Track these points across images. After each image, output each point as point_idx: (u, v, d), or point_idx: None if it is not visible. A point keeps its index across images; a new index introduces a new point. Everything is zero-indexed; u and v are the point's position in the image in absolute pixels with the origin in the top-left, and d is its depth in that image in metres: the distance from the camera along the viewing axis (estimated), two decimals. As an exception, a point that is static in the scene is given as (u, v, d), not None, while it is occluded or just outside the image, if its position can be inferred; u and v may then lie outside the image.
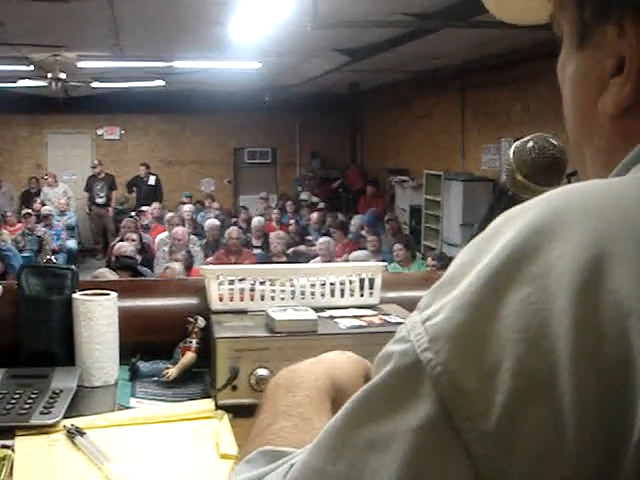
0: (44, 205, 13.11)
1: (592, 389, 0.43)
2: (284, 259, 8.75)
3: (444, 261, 7.06)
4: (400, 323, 1.64)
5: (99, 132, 15.77)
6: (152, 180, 14.55)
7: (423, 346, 0.49)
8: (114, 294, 1.63)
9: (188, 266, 7.37)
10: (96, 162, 14.60)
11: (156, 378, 1.63)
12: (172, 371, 1.61)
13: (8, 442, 1.30)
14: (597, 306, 0.44)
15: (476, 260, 0.50)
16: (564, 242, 0.47)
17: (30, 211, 11.80)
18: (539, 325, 0.45)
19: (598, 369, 0.43)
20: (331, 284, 1.75)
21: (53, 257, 9.89)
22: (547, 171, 0.98)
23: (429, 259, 7.50)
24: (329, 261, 7.92)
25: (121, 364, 1.65)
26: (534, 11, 0.74)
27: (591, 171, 0.65)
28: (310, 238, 11.01)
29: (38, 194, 14.12)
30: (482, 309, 0.47)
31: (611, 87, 0.60)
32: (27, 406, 1.41)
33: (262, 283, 1.71)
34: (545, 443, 0.44)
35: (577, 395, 0.43)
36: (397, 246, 8.48)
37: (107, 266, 7.31)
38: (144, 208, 12.17)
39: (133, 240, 8.91)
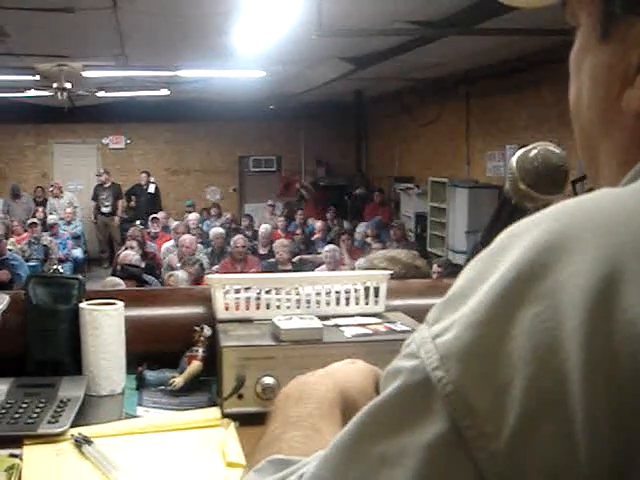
0: (50, 214, 13.14)
1: (604, 408, 0.43)
2: (290, 267, 8.75)
3: (450, 268, 7.05)
4: (405, 331, 1.63)
5: (105, 141, 15.80)
6: (152, 188, 14.56)
7: (433, 364, 0.49)
8: (121, 303, 1.64)
9: (198, 278, 7.36)
10: (101, 170, 14.62)
11: (163, 387, 1.64)
12: (178, 380, 1.61)
13: (16, 451, 1.31)
14: (609, 324, 0.43)
15: (485, 275, 0.50)
16: (575, 259, 0.46)
17: (36, 220, 11.83)
18: (550, 344, 0.45)
19: (610, 388, 0.43)
20: (336, 292, 1.75)
21: (59, 266, 9.90)
22: (549, 180, 0.98)
23: (435, 266, 7.44)
24: (335, 269, 7.91)
25: (128, 373, 1.66)
26: None
27: (606, 168, 0.63)
28: (314, 237, 11.03)
29: (44, 204, 14.14)
30: (492, 328, 0.47)
31: (638, 83, 0.58)
32: (35, 415, 1.42)
33: (268, 292, 1.72)
34: (557, 462, 0.44)
35: (589, 414, 0.43)
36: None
37: (113, 275, 7.32)
38: (157, 215, 12.15)
39: (132, 247, 8.91)
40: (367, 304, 1.76)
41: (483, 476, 0.46)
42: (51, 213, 13.36)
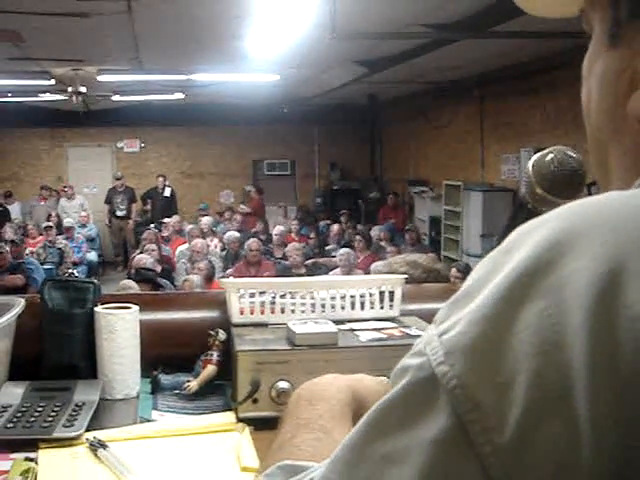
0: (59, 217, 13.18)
1: (608, 403, 0.43)
2: (303, 270, 8.75)
3: (469, 273, 6.89)
4: (420, 336, 1.64)
5: (119, 145, 15.87)
6: (167, 192, 14.60)
7: (439, 360, 0.49)
8: (136, 307, 1.64)
9: (209, 277, 7.41)
10: (119, 174, 14.65)
11: (177, 391, 1.64)
12: (193, 384, 1.62)
13: (31, 454, 1.31)
14: (612, 321, 0.43)
15: (492, 274, 0.50)
16: (579, 256, 0.46)
17: (51, 224, 11.89)
18: (554, 339, 0.45)
19: (614, 383, 0.43)
20: (351, 297, 1.75)
21: (74, 270, 9.94)
22: (566, 184, 0.98)
23: (454, 270, 7.15)
24: (349, 272, 7.90)
25: (143, 377, 1.66)
26: (562, 4, 0.72)
27: (615, 173, 0.63)
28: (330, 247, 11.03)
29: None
30: (497, 323, 0.47)
31: None
32: (50, 419, 1.42)
33: (282, 296, 1.72)
34: (561, 457, 0.44)
35: (593, 409, 0.43)
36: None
37: (128, 278, 7.35)
38: (164, 220, 12.20)
39: (153, 250, 8.95)
40: (382, 308, 1.76)
41: (488, 471, 0.45)
42: (60, 216, 13.36)
